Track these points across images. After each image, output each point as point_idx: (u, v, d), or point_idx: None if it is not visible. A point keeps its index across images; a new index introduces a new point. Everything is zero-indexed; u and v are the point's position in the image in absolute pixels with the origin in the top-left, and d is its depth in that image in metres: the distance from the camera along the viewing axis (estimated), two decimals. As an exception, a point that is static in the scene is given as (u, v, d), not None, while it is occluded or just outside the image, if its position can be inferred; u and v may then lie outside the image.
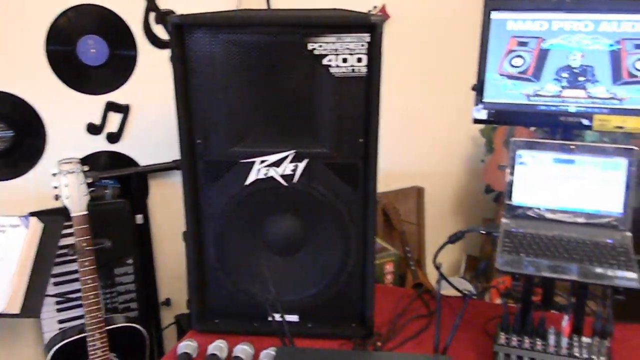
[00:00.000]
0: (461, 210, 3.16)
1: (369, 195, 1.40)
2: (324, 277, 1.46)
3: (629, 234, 1.28)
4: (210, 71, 1.33)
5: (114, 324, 1.84)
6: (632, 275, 1.15)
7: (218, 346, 1.36)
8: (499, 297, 2.30)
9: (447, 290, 1.71)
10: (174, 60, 1.32)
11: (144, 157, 2.24)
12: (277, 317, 1.35)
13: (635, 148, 1.27)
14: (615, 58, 1.35)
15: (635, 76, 1.34)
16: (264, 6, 2.27)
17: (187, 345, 1.38)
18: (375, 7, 2.51)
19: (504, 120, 1.46)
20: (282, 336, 1.29)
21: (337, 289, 1.46)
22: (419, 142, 2.95)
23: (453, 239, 1.46)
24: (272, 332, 1.38)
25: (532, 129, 2.55)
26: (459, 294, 1.67)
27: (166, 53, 1.32)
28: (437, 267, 1.45)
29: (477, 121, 1.48)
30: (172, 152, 1.41)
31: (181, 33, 1.31)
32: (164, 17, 2.08)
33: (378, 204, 2.70)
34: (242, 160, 1.38)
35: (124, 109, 2.17)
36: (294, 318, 1.47)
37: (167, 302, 2.33)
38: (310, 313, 1.47)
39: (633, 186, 1.28)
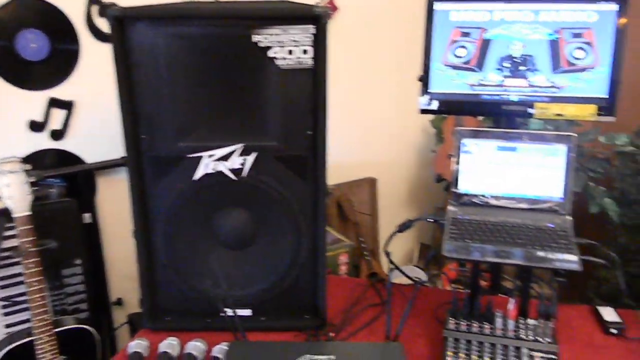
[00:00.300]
0: (413, 200, 3.21)
1: (319, 187, 1.41)
2: (276, 270, 1.46)
3: (569, 218, 1.32)
4: (154, 65, 1.30)
5: (63, 326, 1.79)
6: (572, 257, 1.20)
7: (170, 344, 1.35)
8: (454, 283, 2.35)
9: (399, 279, 1.73)
10: (115, 54, 1.28)
11: (90, 154, 2.18)
12: (229, 312, 1.34)
13: (574, 135, 1.31)
14: (554, 47, 1.39)
15: (574, 64, 1.38)
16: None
17: (138, 344, 1.36)
18: (323, -1, 2.51)
19: (449, 110, 1.49)
20: (234, 331, 1.29)
21: (289, 281, 1.46)
22: (371, 134, 2.98)
23: (402, 228, 1.48)
24: (224, 327, 1.37)
25: (480, 118, 2.61)
26: (411, 282, 1.70)
27: (110, 47, 1.29)
28: (387, 255, 1.47)
29: (423, 111, 1.50)
30: (120, 148, 1.39)
31: (122, 26, 1.28)
32: (106, 9, 2.03)
33: (332, 196, 2.73)
34: (190, 155, 1.36)
35: (67, 105, 2.11)
36: (246, 312, 1.46)
37: (119, 302, 2.28)
38: (263, 306, 1.47)
39: (572, 171, 1.32)
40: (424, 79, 1.49)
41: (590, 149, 2.53)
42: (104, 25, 2.08)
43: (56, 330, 1.69)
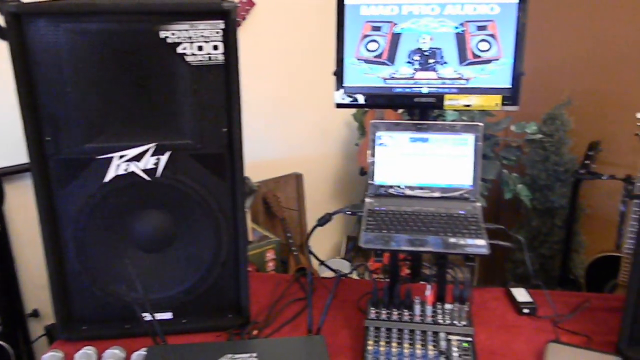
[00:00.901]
0: (339, 193, 3.24)
1: (237, 184, 1.39)
2: (196, 271, 1.43)
3: (479, 204, 1.37)
4: (56, 63, 1.24)
5: (-28, 343, 1.69)
6: (481, 242, 1.24)
7: (85, 353, 1.30)
8: (375, 273, 2.39)
9: (328, 273, 1.75)
10: (12, 52, 1.22)
11: (-4, 160, 2.07)
12: (147, 316, 1.30)
13: (480, 124, 1.37)
14: (460, 40, 1.43)
15: (479, 56, 1.43)
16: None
17: (52, 356, 1.30)
18: (239, -6, 2.48)
19: (364, 104, 1.51)
20: (153, 336, 1.25)
21: (211, 281, 1.44)
22: (296, 129, 2.99)
23: (322, 222, 1.50)
24: (144, 332, 1.33)
25: (400, 111, 2.67)
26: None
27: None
28: (308, 249, 1.48)
29: (338, 105, 1.51)
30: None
31: (19, 23, 1.21)
32: (1, 5, 1.92)
33: (257, 193, 2.71)
34: (99, 157, 1.31)
35: (-33, 108, 1.98)
36: (166, 315, 1.43)
37: (35, 313, 2.18)
38: (185, 308, 1.44)
39: (480, 159, 1.37)
40: (339, 74, 1.50)
41: (503, 138, 2.65)
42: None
43: (-37, 347, 1.59)
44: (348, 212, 1.46)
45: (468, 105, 1.45)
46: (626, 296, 1.30)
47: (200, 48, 1.27)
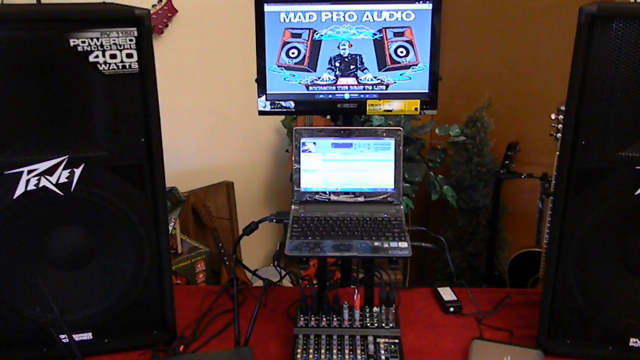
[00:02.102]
0: (271, 200, 3.22)
1: (158, 196, 1.35)
2: (118, 287, 1.38)
3: (401, 207, 1.40)
4: (-43, 73, 1.17)
5: None
6: (403, 244, 1.26)
7: (-2, 382, 1.22)
8: (306, 280, 2.38)
9: (261, 282, 1.72)
10: None
11: None
12: (64, 338, 1.24)
13: (399, 129, 1.39)
14: (379, 46, 1.46)
15: (397, 62, 1.46)
16: (32, 0, 2.07)
17: (-40, 387, 1.22)
18: (160, 1, 2.42)
19: (287, 111, 1.50)
20: (72, 358, 1.20)
21: (133, 297, 1.39)
22: (225, 137, 2.95)
23: (248, 231, 1.48)
24: (63, 355, 1.27)
25: (328, 117, 2.68)
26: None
27: None
28: (234, 258, 1.46)
29: (261, 113, 1.50)
30: None
31: None
32: None
33: (187, 203, 2.66)
34: (7, 172, 1.24)
35: None
36: (86, 336, 1.36)
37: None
38: (107, 327, 1.38)
39: (401, 163, 1.39)
40: (261, 81, 1.49)
41: (429, 141, 2.72)
42: None
43: None
44: (273, 220, 1.45)
45: (389, 110, 1.47)
46: (543, 291, 1.35)
47: (113, 56, 1.22)
